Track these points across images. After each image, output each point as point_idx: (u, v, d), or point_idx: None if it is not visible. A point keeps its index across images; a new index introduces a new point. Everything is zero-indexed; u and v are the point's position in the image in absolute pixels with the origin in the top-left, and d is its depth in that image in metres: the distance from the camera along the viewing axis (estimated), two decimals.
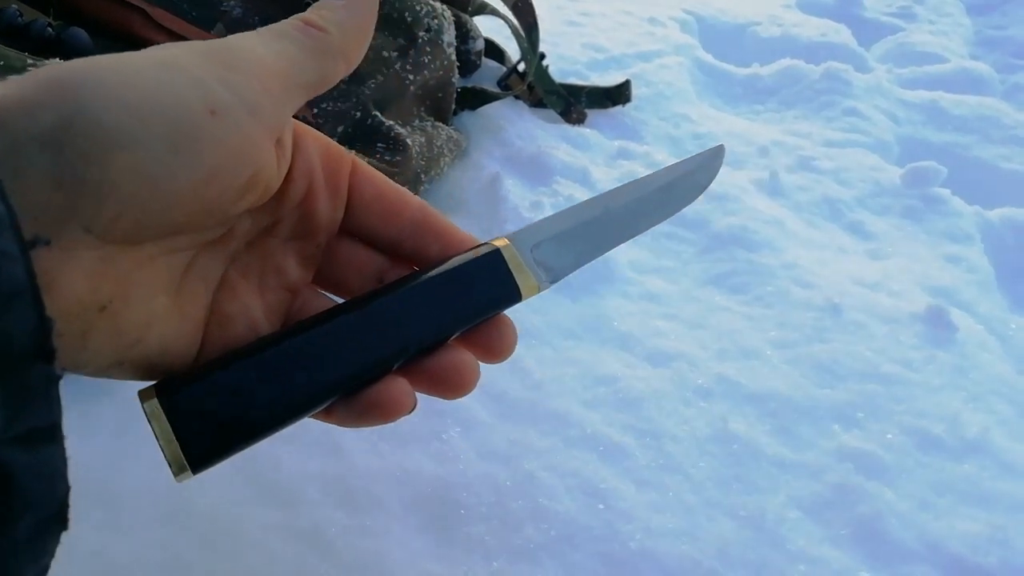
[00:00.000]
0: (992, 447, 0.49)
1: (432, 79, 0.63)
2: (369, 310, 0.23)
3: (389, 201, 0.26)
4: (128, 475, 0.39)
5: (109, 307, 0.19)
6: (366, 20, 0.24)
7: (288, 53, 0.22)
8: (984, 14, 1.30)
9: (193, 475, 0.21)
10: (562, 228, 0.27)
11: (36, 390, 0.15)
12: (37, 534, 0.15)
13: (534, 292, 0.26)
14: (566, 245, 0.27)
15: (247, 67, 0.21)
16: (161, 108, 0.18)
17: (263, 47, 0.21)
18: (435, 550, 0.39)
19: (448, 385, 0.25)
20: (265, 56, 0.21)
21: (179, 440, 0.20)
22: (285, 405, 0.22)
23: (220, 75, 0.20)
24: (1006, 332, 0.61)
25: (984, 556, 0.42)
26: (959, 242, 0.70)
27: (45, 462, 0.16)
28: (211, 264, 0.23)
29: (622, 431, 0.47)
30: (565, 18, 1.00)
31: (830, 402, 0.51)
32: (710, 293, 0.60)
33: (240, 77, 0.20)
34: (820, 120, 0.88)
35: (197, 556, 0.36)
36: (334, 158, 0.25)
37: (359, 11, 0.24)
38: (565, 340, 0.53)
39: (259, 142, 0.21)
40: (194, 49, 0.20)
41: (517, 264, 0.25)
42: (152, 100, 0.18)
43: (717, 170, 0.31)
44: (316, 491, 0.40)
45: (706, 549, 0.41)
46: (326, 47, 0.23)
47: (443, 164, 0.63)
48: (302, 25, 0.23)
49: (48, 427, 0.16)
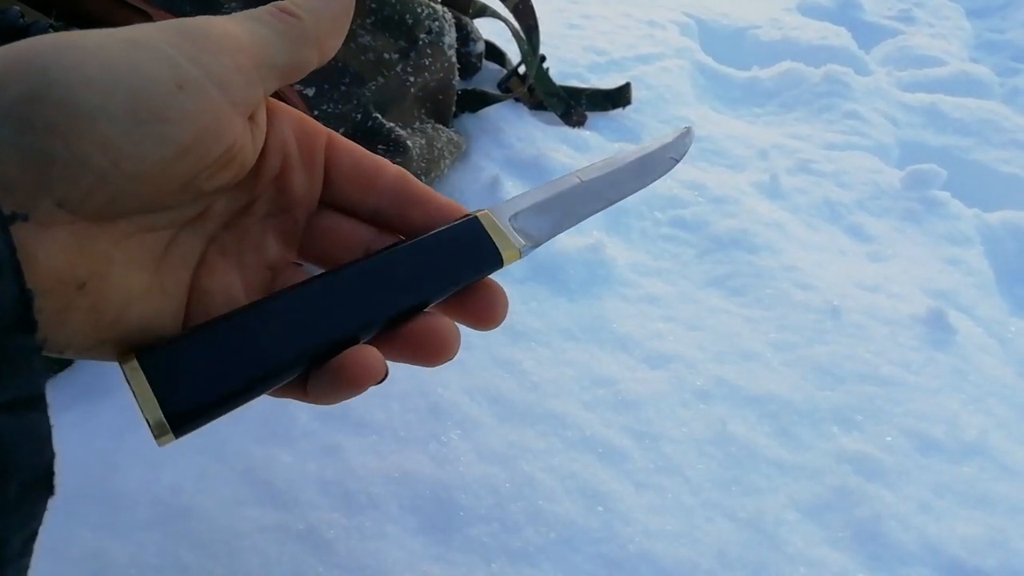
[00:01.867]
0: (991, 449, 0.49)
1: (433, 81, 0.63)
2: (346, 275, 0.24)
3: (366, 171, 0.26)
4: (126, 476, 0.39)
5: (87, 284, 0.19)
6: (341, 10, 0.24)
7: (261, 34, 0.22)
8: (984, 17, 1.30)
9: (175, 438, 0.20)
10: (539, 199, 0.28)
11: (19, 360, 0.16)
12: (25, 497, 0.16)
13: (515, 258, 0.26)
14: (543, 214, 0.28)
15: (217, 44, 0.21)
16: (127, 82, 0.18)
17: (236, 27, 0.22)
18: (433, 552, 0.39)
19: (427, 350, 0.24)
20: (238, 35, 0.21)
21: (159, 401, 0.20)
22: (264, 366, 0.22)
23: (188, 51, 0.20)
24: (1005, 335, 0.61)
25: (983, 558, 0.42)
26: (958, 245, 0.70)
27: (30, 427, 0.16)
28: (190, 243, 0.23)
29: (621, 433, 0.47)
30: (566, 21, 1.00)
31: (829, 404, 0.51)
32: (709, 295, 0.60)
33: (209, 53, 0.20)
34: (820, 123, 0.88)
35: (194, 557, 0.36)
36: (308, 132, 0.25)
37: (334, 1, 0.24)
38: (564, 342, 0.53)
39: (229, 118, 0.21)
40: (164, 27, 0.20)
41: (496, 230, 0.26)
42: (117, 74, 0.18)
43: (688, 146, 0.32)
44: (314, 492, 0.40)
45: (705, 551, 0.41)
46: (299, 33, 0.23)
47: (443, 166, 0.63)
48: (275, 10, 0.23)
49: (32, 396, 0.16)
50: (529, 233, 0.27)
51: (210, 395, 0.21)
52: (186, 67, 0.20)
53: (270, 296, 0.23)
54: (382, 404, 0.46)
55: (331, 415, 0.44)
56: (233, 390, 0.21)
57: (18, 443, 0.15)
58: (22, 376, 0.16)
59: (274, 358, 0.22)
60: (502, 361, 0.50)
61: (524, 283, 0.57)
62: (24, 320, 0.16)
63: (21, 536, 0.16)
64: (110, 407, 0.41)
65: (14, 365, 0.15)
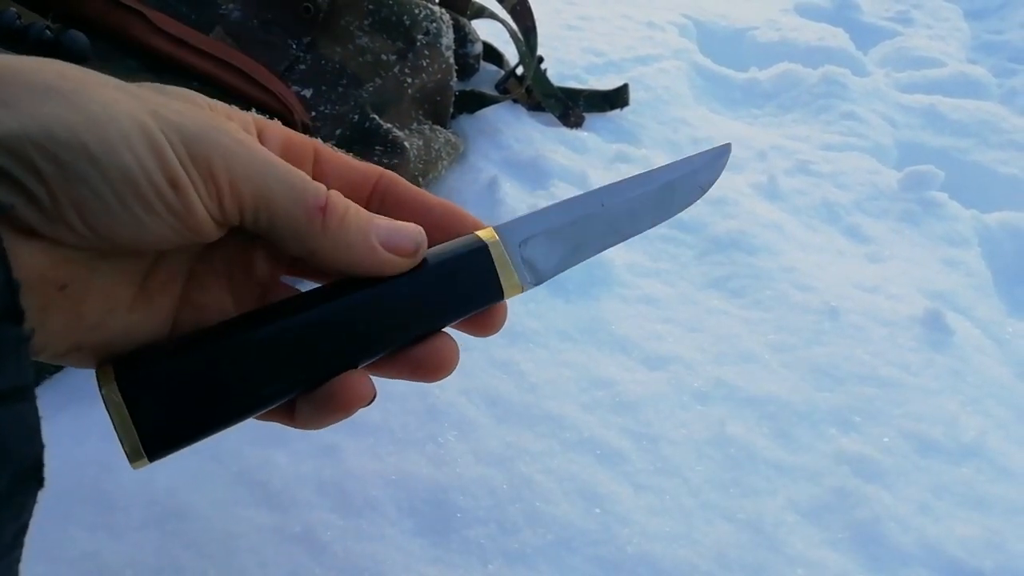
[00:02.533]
0: (989, 450, 0.49)
1: (430, 82, 0.63)
2: (342, 305, 0.22)
3: (354, 180, 0.26)
4: (121, 477, 0.39)
5: (70, 287, 0.19)
6: (367, 266, 0.23)
7: (271, 195, 0.21)
8: (982, 18, 1.30)
9: (149, 462, 0.20)
10: (554, 224, 0.26)
11: (6, 350, 0.15)
12: (16, 488, 0.16)
13: (516, 293, 0.25)
14: (556, 243, 0.26)
15: (214, 164, 0.20)
16: (120, 162, 0.18)
17: (253, 161, 0.21)
18: (431, 553, 0.39)
19: (425, 368, 0.24)
20: (244, 170, 0.20)
21: (136, 427, 0.19)
22: (249, 396, 0.21)
23: (184, 159, 0.19)
24: (1003, 336, 0.61)
25: (981, 559, 0.42)
26: (956, 246, 0.70)
27: (19, 418, 0.16)
28: (178, 260, 0.23)
29: (619, 434, 0.47)
30: (564, 22, 1.00)
31: (828, 405, 0.51)
32: (708, 296, 0.60)
33: (201, 174, 0.20)
34: (818, 124, 0.89)
35: (190, 558, 0.36)
36: (296, 150, 0.25)
37: (374, 262, 0.23)
38: (562, 343, 0.53)
39: (211, 225, 0.21)
40: (176, 124, 0.20)
41: (503, 263, 0.25)
42: (113, 152, 0.18)
43: (720, 170, 0.29)
44: (311, 493, 0.40)
45: (704, 552, 0.41)
46: (311, 238, 0.22)
47: (441, 167, 0.63)
48: (319, 201, 0.21)
49: (21, 387, 0.16)
50: (535, 267, 0.25)
51: (190, 424, 0.20)
52: (179, 171, 0.19)
53: (262, 317, 0.22)
54: (379, 405, 0.45)
55: None
56: (214, 419, 0.21)
57: (8, 433, 0.15)
58: (10, 366, 0.16)
59: (264, 388, 0.21)
60: (500, 362, 0.50)
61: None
62: (11, 309, 0.15)
63: (12, 528, 0.16)
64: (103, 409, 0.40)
65: (2, 355, 0.15)
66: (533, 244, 0.26)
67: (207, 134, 0.20)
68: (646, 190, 0.27)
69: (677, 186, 0.28)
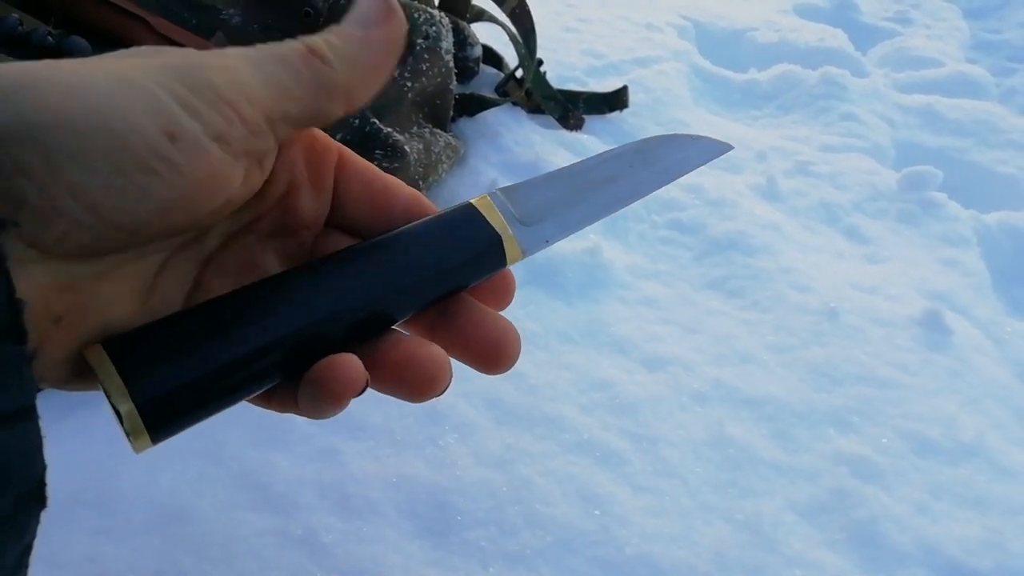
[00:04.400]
0: (988, 450, 0.49)
1: (430, 86, 0.63)
2: (334, 263, 0.22)
3: (377, 193, 0.25)
4: (122, 481, 0.39)
5: (64, 319, 0.18)
6: (383, 59, 0.22)
7: (279, 81, 0.20)
8: (980, 18, 1.30)
9: (153, 444, 0.19)
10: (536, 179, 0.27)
11: (9, 371, 0.15)
12: (18, 510, 0.16)
13: (510, 239, 0.25)
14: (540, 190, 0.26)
15: (222, 90, 0.19)
16: (110, 128, 0.17)
17: (250, 69, 0.19)
18: (431, 555, 0.39)
19: (411, 382, 0.22)
20: (249, 81, 0.19)
21: (138, 408, 0.19)
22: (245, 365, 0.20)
23: (184, 96, 0.18)
24: (1002, 336, 0.61)
25: (980, 559, 0.42)
26: (955, 246, 0.70)
27: (22, 439, 0.16)
28: (184, 267, 0.22)
29: (618, 436, 0.47)
30: (563, 24, 1.00)
31: (826, 406, 0.51)
32: (707, 298, 0.60)
33: (208, 102, 0.18)
34: (817, 125, 0.89)
35: (191, 562, 0.36)
36: (319, 151, 0.24)
37: (376, 47, 0.21)
38: (561, 344, 0.53)
39: (227, 172, 0.19)
40: (160, 67, 0.18)
41: (489, 210, 0.25)
42: (101, 118, 0.17)
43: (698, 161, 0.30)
44: (311, 496, 0.40)
45: (702, 553, 0.41)
46: (326, 82, 0.20)
47: (441, 170, 0.63)
48: (304, 52, 0.20)
49: (23, 407, 0.16)
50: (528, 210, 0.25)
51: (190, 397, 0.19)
52: (179, 115, 0.18)
53: (248, 286, 0.21)
54: (379, 407, 0.46)
55: (328, 419, 0.44)
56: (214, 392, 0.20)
57: (11, 455, 0.15)
58: (13, 387, 0.15)
59: (258, 356, 0.20)
60: None
61: (521, 286, 0.57)
62: (14, 329, 0.15)
63: (16, 550, 0.16)
64: (106, 413, 0.41)
65: (5, 376, 0.15)
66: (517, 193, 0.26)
67: (200, 62, 0.19)
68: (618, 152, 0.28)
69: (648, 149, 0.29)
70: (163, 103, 0.18)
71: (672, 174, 0.28)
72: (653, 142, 0.29)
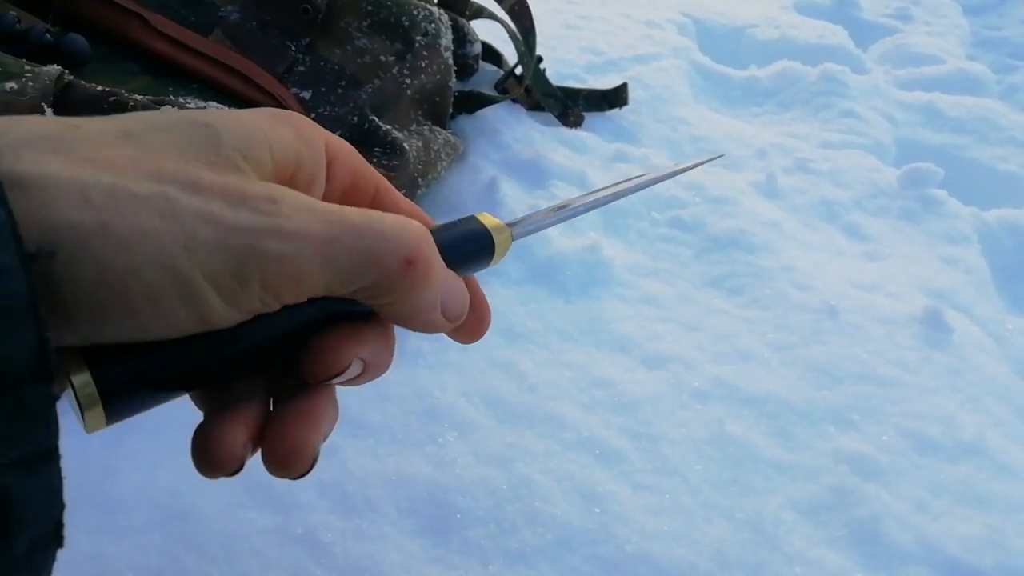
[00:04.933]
0: (988, 448, 0.49)
1: (429, 83, 0.63)
2: None
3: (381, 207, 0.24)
4: (124, 480, 0.39)
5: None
6: (437, 329, 0.22)
7: (347, 273, 0.19)
8: (981, 15, 1.30)
9: (107, 424, 0.19)
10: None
11: (34, 412, 0.15)
12: (34, 552, 0.15)
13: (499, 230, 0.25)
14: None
15: (272, 282, 0.18)
16: (137, 312, 0.17)
17: (321, 259, 0.18)
18: (431, 554, 0.39)
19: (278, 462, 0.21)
20: (312, 269, 0.18)
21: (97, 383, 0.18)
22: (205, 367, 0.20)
23: (229, 288, 0.17)
24: (1002, 333, 0.61)
25: (980, 557, 0.42)
26: (956, 243, 0.70)
27: (42, 483, 0.15)
28: None
29: (619, 434, 0.47)
30: (563, 21, 1.00)
31: (827, 404, 0.51)
32: (707, 296, 0.60)
33: (253, 294, 0.18)
34: (817, 122, 0.89)
35: (193, 560, 0.36)
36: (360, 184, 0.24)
37: (444, 327, 0.21)
38: (561, 343, 0.53)
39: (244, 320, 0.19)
40: (219, 244, 0.17)
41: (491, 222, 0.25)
42: (129, 307, 0.16)
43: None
44: (312, 495, 0.40)
45: (703, 551, 0.41)
46: (402, 290, 0.20)
47: (440, 168, 0.63)
48: (405, 257, 0.19)
49: (47, 451, 0.15)
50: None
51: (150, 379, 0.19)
52: (215, 306, 0.17)
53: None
54: (379, 406, 0.46)
55: None
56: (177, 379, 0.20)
57: (31, 500, 0.15)
58: (40, 431, 0.15)
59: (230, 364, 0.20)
60: (499, 363, 0.50)
61: (522, 284, 0.57)
62: (42, 369, 0.15)
63: None
64: None
65: (30, 419, 0.15)
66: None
67: (259, 247, 0.17)
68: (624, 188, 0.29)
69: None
70: (205, 296, 0.17)
71: None
72: None
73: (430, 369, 0.49)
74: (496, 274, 0.56)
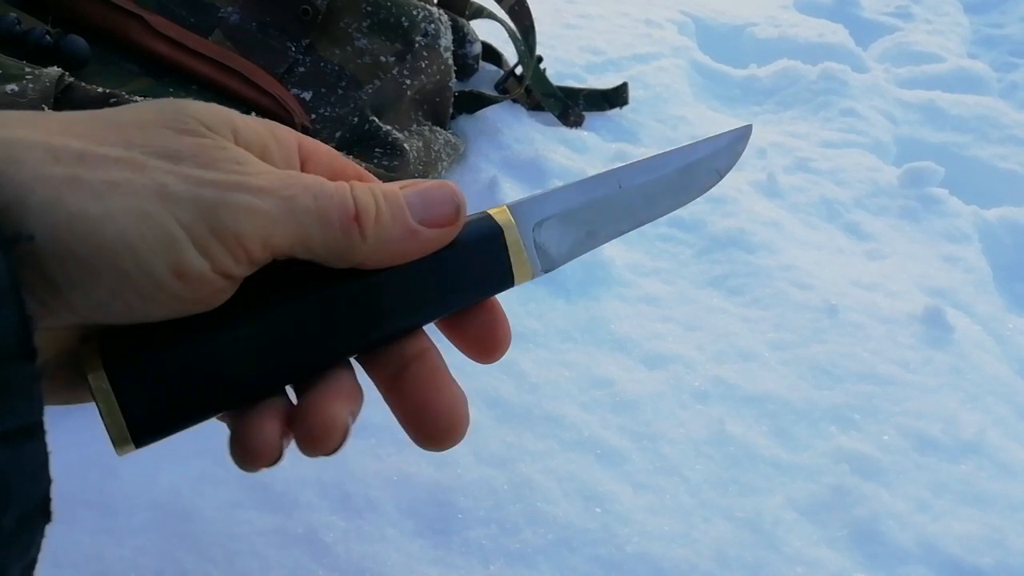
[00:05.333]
0: (989, 447, 0.49)
1: (429, 84, 0.63)
2: (341, 290, 0.21)
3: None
4: (124, 480, 0.39)
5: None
6: (416, 253, 0.21)
7: (307, 233, 0.20)
8: (982, 12, 1.30)
9: (135, 448, 0.20)
10: (571, 205, 0.25)
11: (18, 389, 0.15)
12: (22, 527, 0.16)
13: (527, 279, 0.24)
14: (571, 226, 0.25)
15: (244, 236, 0.18)
16: (119, 267, 0.17)
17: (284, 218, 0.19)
18: (432, 554, 0.39)
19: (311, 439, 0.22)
20: (276, 229, 0.19)
21: (124, 412, 0.19)
22: (238, 384, 0.20)
23: (203, 239, 0.18)
24: (1003, 332, 0.61)
25: (980, 557, 0.42)
26: (956, 242, 0.70)
27: (28, 457, 0.16)
28: None
29: (619, 434, 0.47)
30: (562, 21, 1.00)
31: (827, 403, 0.51)
32: (707, 295, 0.60)
33: (226, 246, 0.18)
34: (817, 121, 0.88)
35: (193, 561, 0.36)
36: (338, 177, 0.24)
37: (417, 243, 0.21)
38: (562, 343, 0.53)
39: (220, 291, 0.19)
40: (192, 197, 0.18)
41: (517, 248, 0.23)
42: (111, 257, 0.17)
43: (740, 154, 0.28)
44: (312, 495, 0.40)
45: (703, 551, 0.41)
46: (348, 250, 0.20)
47: (441, 168, 0.63)
48: (350, 216, 0.20)
49: (31, 425, 0.16)
50: (548, 252, 0.24)
51: (178, 408, 0.20)
52: (192, 257, 0.18)
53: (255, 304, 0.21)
54: (380, 406, 0.46)
55: None
56: (204, 405, 0.20)
57: (16, 474, 0.15)
58: (22, 405, 0.15)
59: (250, 378, 0.21)
60: (500, 363, 0.50)
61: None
62: (25, 347, 0.15)
63: (20, 565, 0.16)
64: None
65: (14, 395, 0.15)
66: (547, 227, 0.24)
67: (228, 199, 0.18)
68: (664, 173, 0.26)
69: (695, 170, 0.27)
70: (179, 244, 0.18)
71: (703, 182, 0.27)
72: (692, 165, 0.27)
73: None
74: None
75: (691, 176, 0.27)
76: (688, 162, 0.27)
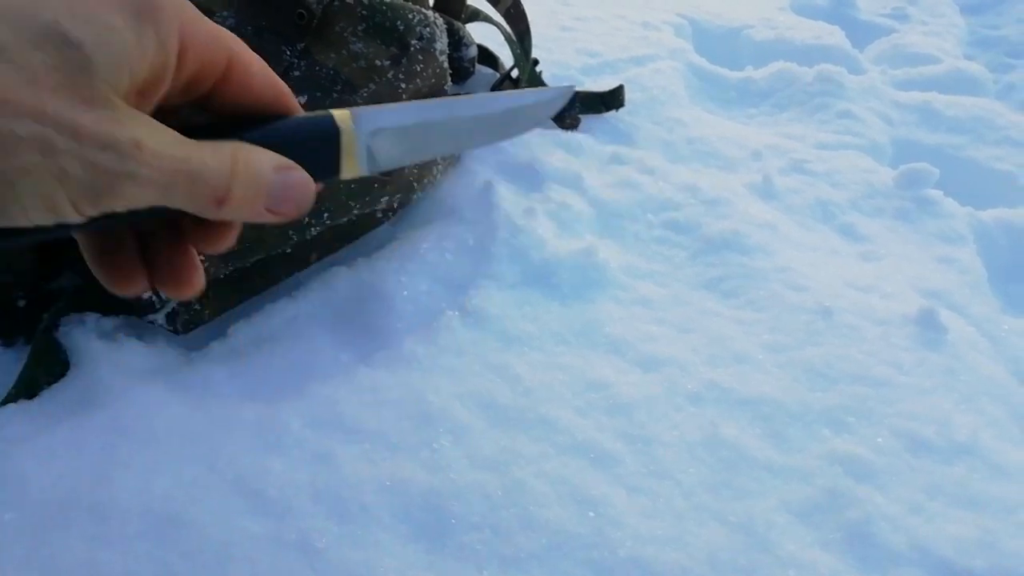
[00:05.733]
0: (982, 449, 0.49)
1: (425, 87, 0.63)
2: None
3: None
4: (118, 487, 0.39)
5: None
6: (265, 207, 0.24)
7: (170, 203, 0.22)
8: (978, 14, 1.30)
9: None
10: (406, 122, 0.28)
11: None
12: None
13: (352, 175, 0.27)
14: (403, 140, 0.28)
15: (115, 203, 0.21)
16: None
17: (156, 192, 0.22)
18: (426, 559, 0.39)
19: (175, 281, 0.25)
20: (147, 199, 0.22)
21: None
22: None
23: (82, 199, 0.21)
24: (997, 333, 0.61)
25: (972, 559, 0.43)
26: (951, 243, 0.70)
27: None
28: None
29: (613, 437, 0.47)
30: (559, 23, 1.00)
31: (821, 406, 0.51)
32: (702, 297, 0.60)
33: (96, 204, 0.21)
34: (813, 123, 0.89)
35: (186, 567, 0.36)
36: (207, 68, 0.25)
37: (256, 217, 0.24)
38: (556, 346, 0.53)
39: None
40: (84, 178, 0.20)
41: (350, 148, 0.26)
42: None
43: (557, 110, 0.32)
44: (306, 501, 0.40)
45: (696, 555, 0.41)
46: (203, 214, 0.23)
47: (436, 172, 0.63)
48: (216, 199, 0.23)
49: None
50: (376, 157, 0.27)
51: None
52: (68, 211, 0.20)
53: None
54: (374, 411, 0.46)
55: (323, 423, 0.44)
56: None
57: None
58: None
59: None
60: (494, 366, 0.51)
61: (516, 287, 0.57)
62: None
63: None
64: (102, 419, 0.41)
65: None
66: (382, 137, 0.28)
67: (116, 186, 0.21)
68: (492, 110, 0.30)
69: (518, 115, 0.31)
70: (61, 208, 0.20)
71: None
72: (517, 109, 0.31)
73: (424, 373, 0.49)
74: (491, 277, 0.57)
75: (513, 119, 0.31)
76: (514, 106, 0.31)
